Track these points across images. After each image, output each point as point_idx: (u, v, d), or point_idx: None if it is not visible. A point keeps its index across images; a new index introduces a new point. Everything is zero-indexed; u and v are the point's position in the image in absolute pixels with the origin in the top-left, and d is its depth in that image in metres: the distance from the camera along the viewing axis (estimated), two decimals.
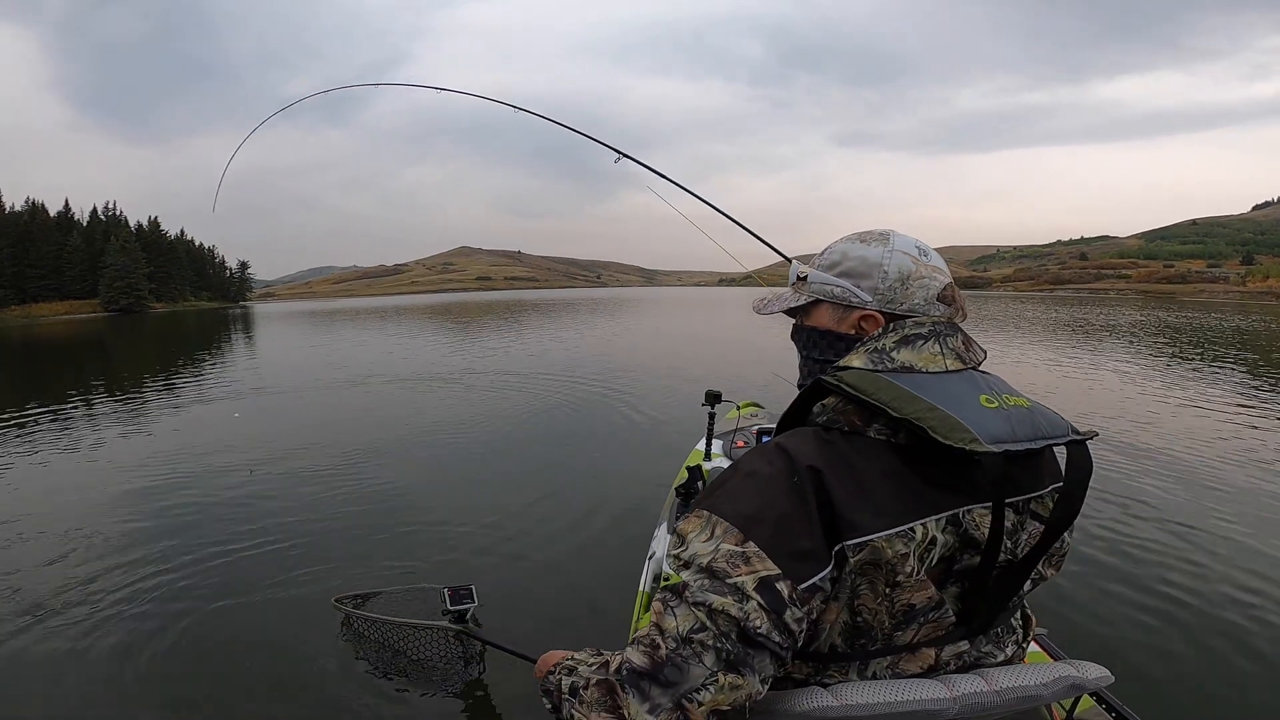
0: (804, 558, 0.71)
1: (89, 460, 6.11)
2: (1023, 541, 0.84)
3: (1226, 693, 2.43)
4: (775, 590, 0.70)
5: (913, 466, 0.76)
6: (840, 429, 0.79)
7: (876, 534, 0.72)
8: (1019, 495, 0.82)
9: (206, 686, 2.57)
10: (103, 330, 36.62)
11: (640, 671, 0.71)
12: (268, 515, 4.36)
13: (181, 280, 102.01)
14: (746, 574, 0.71)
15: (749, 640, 0.70)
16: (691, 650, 0.70)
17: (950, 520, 0.77)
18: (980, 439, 0.71)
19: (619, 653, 0.78)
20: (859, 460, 0.76)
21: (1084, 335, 18.82)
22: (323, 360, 14.96)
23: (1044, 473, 0.87)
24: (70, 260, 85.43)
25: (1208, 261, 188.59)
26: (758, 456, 0.79)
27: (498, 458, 5.91)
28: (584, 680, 0.78)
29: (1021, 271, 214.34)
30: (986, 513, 0.78)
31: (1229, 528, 3.90)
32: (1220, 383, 9.70)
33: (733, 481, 0.79)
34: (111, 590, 3.32)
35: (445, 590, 2.44)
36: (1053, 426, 0.79)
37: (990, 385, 0.82)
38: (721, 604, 0.70)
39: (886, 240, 0.90)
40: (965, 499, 0.78)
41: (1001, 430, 0.74)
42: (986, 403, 0.77)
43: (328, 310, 58.04)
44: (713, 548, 0.73)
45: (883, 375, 0.79)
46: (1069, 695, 0.83)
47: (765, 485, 0.75)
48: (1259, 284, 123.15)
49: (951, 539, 0.77)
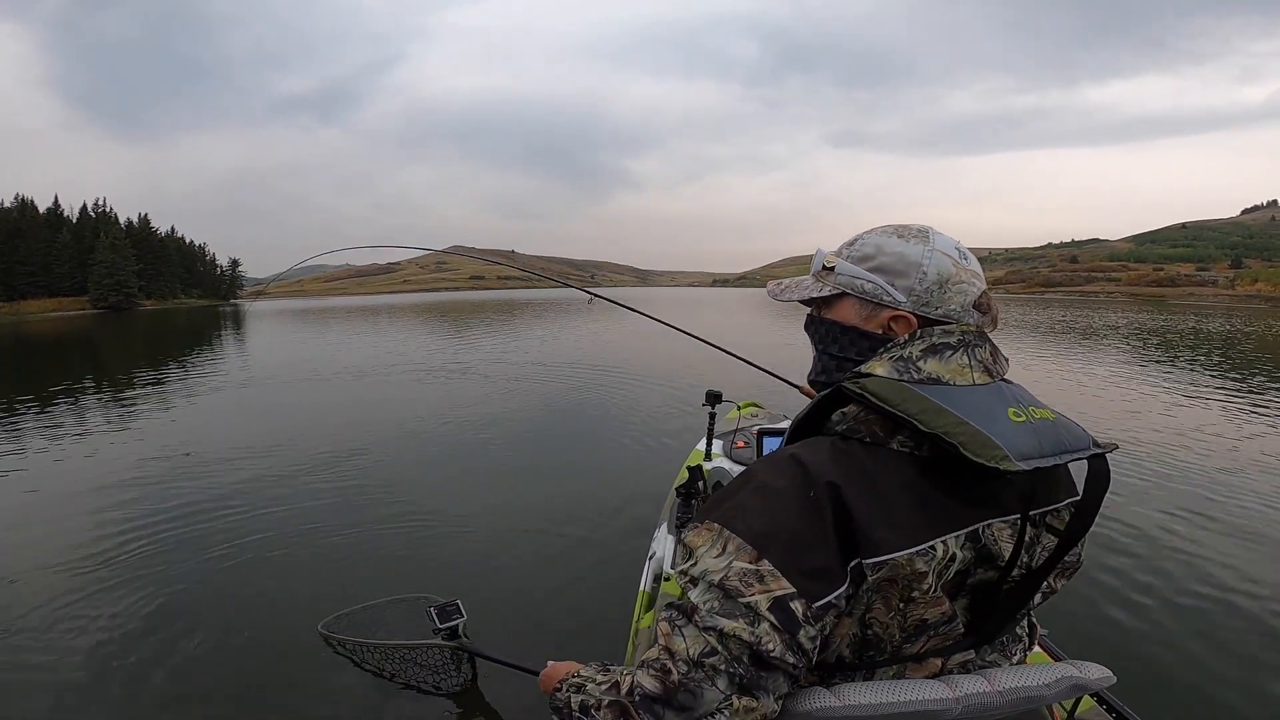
0: (819, 576, 0.69)
1: (68, 460, 6.05)
2: (1037, 554, 0.82)
3: (1228, 693, 2.42)
4: (789, 610, 0.68)
5: (933, 480, 0.74)
6: (860, 439, 0.77)
7: (897, 552, 0.70)
8: (1039, 509, 0.81)
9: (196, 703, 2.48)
10: (92, 327, 36.30)
11: (653, 697, 0.70)
12: (250, 519, 4.28)
13: (171, 278, 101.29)
14: (760, 593, 0.69)
15: (762, 663, 0.68)
16: (704, 674, 0.69)
17: (970, 536, 0.75)
18: (1011, 456, 0.69)
19: (628, 672, 0.76)
20: (879, 474, 0.73)
21: (1078, 336, 18.94)
22: (309, 357, 14.87)
23: (1060, 485, 0.85)
24: (59, 257, 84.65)
25: (1197, 265, 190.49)
26: (771, 468, 0.76)
27: (496, 458, 5.87)
28: (595, 700, 0.77)
29: (1013, 274, 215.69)
30: (1005, 526, 0.77)
31: (1231, 528, 3.91)
32: (1216, 382, 9.79)
33: (744, 494, 0.76)
34: (88, 601, 3.23)
35: (431, 609, 2.40)
36: (1075, 440, 0.78)
37: (1017, 397, 0.79)
38: (732, 628, 0.68)
39: (927, 238, 0.85)
40: (986, 513, 0.76)
41: (1030, 445, 0.72)
42: (1014, 416, 0.75)
43: (318, 309, 57.71)
44: (725, 564, 0.71)
45: (909, 386, 0.76)
46: (1071, 696, 0.83)
47: (779, 500, 0.72)
48: (1247, 287, 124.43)
49: (969, 554, 0.75)
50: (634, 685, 0.72)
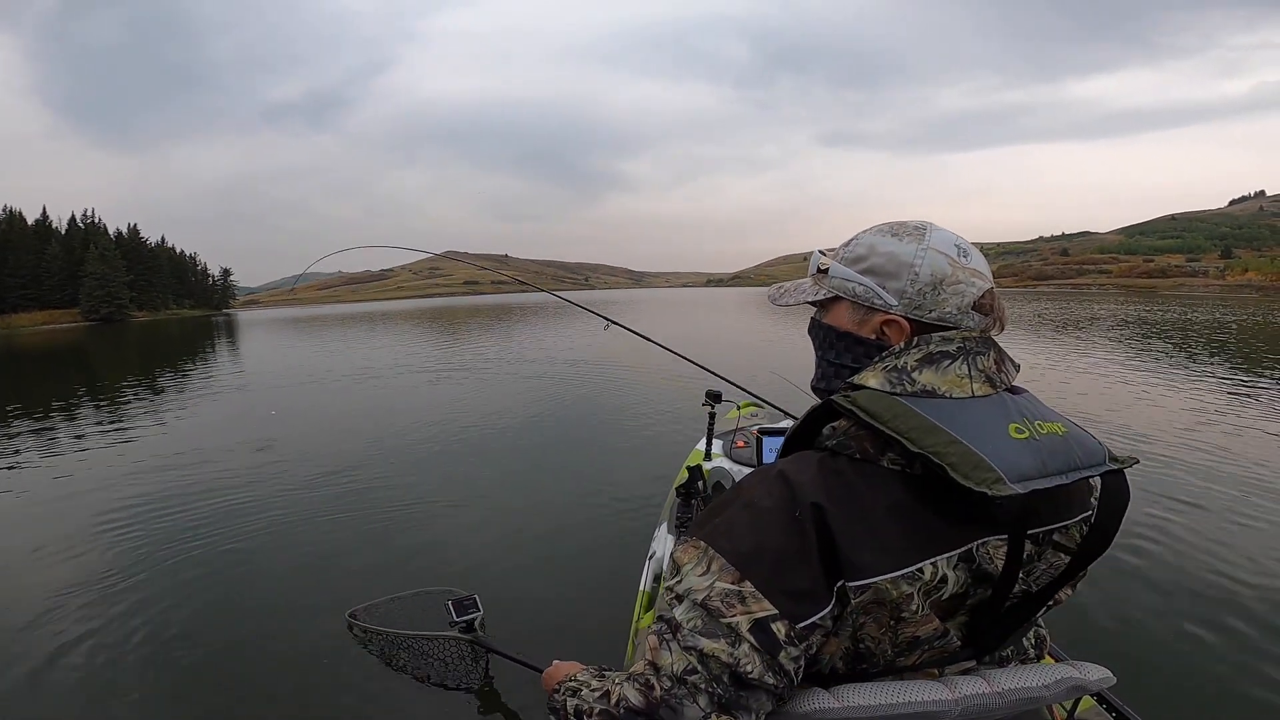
0: (802, 597, 0.69)
1: (82, 464, 6.02)
2: (1039, 571, 0.79)
3: (1229, 694, 2.40)
4: (770, 631, 0.68)
5: (925, 499, 0.71)
6: (850, 455, 0.74)
7: (881, 576, 0.69)
8: (1040, 527, 0.77)
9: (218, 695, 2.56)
10: (84, 340, 36.08)
11: (637, 710, 0.71)
12: (269, 520, 4.35)
13: (163, 288, 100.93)
14: (741, 614, 0.69)
15: (742, 683, 0.68)
16: (686, 691, 0.69)
17: (963, 557, 0.73)
18: (1005, 478, 0.66)
19: (619, 681, 0.76)
20: (867, 493, 0.71)
21: (1069, 329, 19.00)
22: (309, 364, 14.77)
23: (1073, 502, 0.80)
24: (49, 269, 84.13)
25: (1186, 256, 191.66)
26: (759, 484, 0.75)
27: (498, 459, 5.87)
28: (588, 707, 0.77)
29: (1006, 268, 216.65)
30: (1002, 544, 0.74)
31: (1232, 527, 3.87)
32: (1210, 376, 9.81)
33: (731, 510, 0.75)
34: (111, 602, 3.26)
35: (449, 603, 2.42)
36: (1088, 455, 0.73)
37: (1022, 410, 0.75)
38: (712, 648, 0.68)
39: (922, 236, 0.80)
40: (980, 531, 0.73)
41: (1030, 465, 0.69)
42: (1016, 433, 0.71)
43: (313, 317, 57.55)
44: (708, 584, 0.71)
45: (900, 399, 0.73)
46: (1071, 697, 0.81)
47: (764, 519, 0.72)
48: (1238, 277, 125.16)
49: (963, 575, 0.73)
50: (620, 699, 0.73)
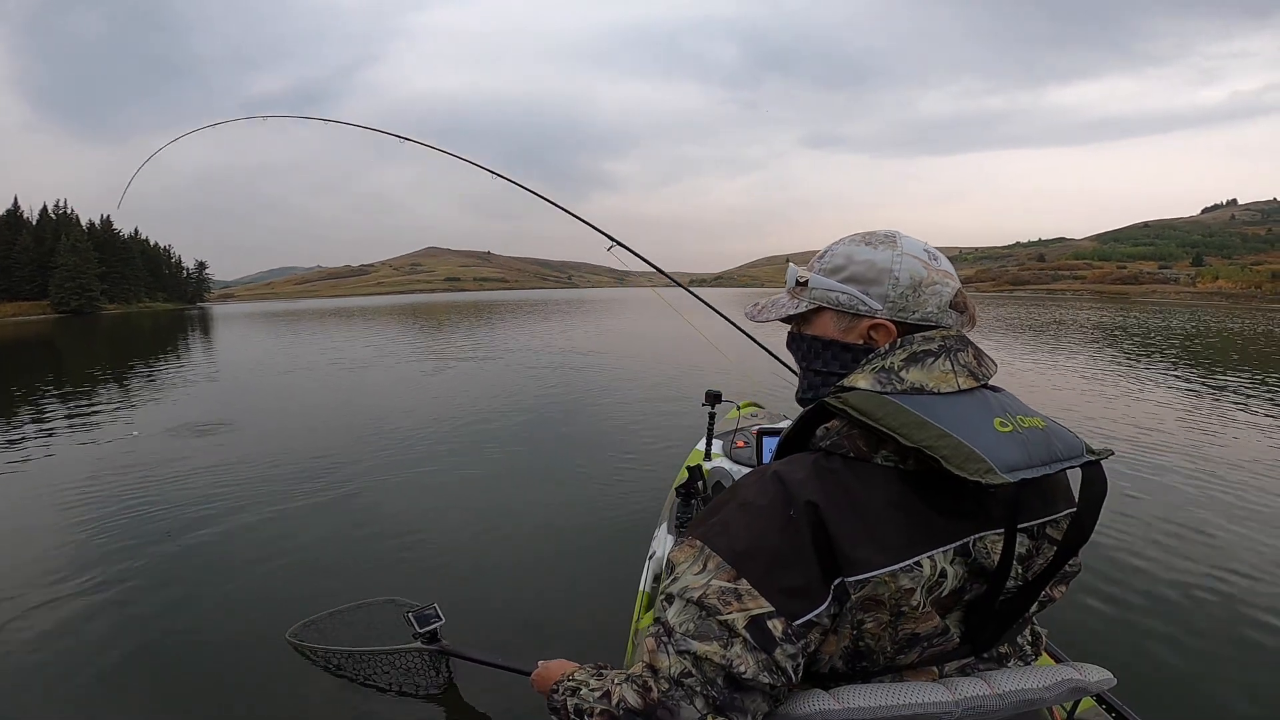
0: (798, 595, 0.70)
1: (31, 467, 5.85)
2: (1036, 566, 0.82)
3: (1229, 695, 2.42)
4: (765, 629, 0.69)
5: (920, 494, 0.73)
6: (844, 454, 0.76)
7: (879, 570, 0.70)
8: (1032, 520, 0.80)
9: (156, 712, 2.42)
10: (53, 332, 35.17)
11: (635, 711, 0.72)
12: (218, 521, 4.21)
13: (136, 281, 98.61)
14: (737, 611, 0.70)
15: (736, 685, 0.69)
16: (682, 693, 0.70)
17: (959, 550, 0.74)
18: (995, 469, 0.68)
19: (619, 680, 0.78)
20: (862, 490, 0.73)
21: (1042, 333, 19.32)
22: (283, 360, 14.58)
23: (1058, 495, 0.84)
24: (19, 260, 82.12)
25: (1159, 263, 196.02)
26: (754, 485, 0.77)
27: (496, 459, 5.77)
28: (588, 706, 0.79)
29: (983, 273, 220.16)
30: (998, 539, 0.76)
31: (1231, 527, 3.90)
32: (1201, 377, 9.99)
33: (727, 510, 0.77)
34: (53, 606, 3.13)
35: (410, 614, 2.40)
36: (1068, 448, 0.77)
37: (1004, 406, 0.78)
38: (705, 650, 0.70)
39: (894, 243, 0.84)
40: (976, 526, 0.76)
41: (1016, 457, 0.71)
42: (1001, 426, 0.74)
43: (290, 311, 56.65)
44: (704, 582, 0.72)
45: (890, 398, 0.75)
46: (1071, 698, 0.82)
47: (759, 518, 0.73)
48: (1208, 285, 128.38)
49: (961, 569, 0.75)
50: (619, 701, 0.75)
